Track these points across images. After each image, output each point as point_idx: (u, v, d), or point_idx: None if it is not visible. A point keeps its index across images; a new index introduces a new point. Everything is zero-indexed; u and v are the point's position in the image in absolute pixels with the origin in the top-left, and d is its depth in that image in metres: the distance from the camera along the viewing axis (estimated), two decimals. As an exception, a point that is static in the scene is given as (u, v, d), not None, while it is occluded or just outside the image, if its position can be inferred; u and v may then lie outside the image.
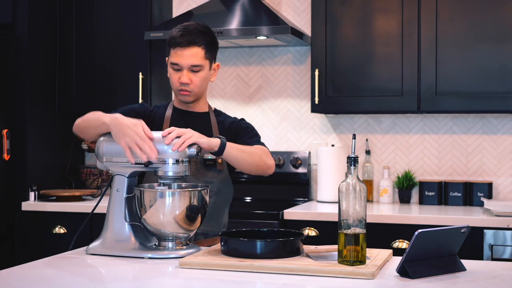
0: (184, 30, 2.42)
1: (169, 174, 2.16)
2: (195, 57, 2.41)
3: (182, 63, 2.41)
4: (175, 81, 2.45)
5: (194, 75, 2.43)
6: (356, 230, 1.93)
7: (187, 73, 2.42)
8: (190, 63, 2.41)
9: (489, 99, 3.55)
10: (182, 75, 2.42)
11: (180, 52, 2.41)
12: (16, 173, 3.93)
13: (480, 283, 1.82)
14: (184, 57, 2.40)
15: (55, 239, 3.85)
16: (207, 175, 2.45)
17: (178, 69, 2.43)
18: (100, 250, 2.19)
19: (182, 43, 2.40)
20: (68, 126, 4.32)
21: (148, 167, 2.15)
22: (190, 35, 2.40)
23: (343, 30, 3.76)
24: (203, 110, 2.56)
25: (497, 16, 3.55)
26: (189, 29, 2.42)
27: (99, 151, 2.24)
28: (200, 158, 2.44)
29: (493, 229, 3.25)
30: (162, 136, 2.15)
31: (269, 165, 2.41)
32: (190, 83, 2.43)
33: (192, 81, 2.43)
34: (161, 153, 2.14)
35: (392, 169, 4.01)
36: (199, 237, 2.44)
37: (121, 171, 2.21)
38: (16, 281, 1.86)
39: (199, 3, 4.23)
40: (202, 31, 2.44)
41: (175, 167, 2.17)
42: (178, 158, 2.16)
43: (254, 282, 1.85)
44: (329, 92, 3.77)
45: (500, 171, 3.85)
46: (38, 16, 4.04)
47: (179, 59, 2.41)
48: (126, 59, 4.08)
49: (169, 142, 2.14)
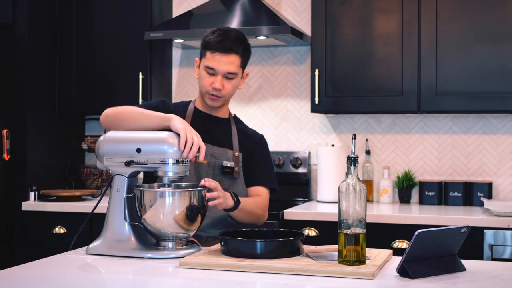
0: (224, 35, 2.41)
1: (169, 174, 2.17)
2: (232, 64, 2.41)
3: (219, 69, 2.40)
4: (206, 85, 2.43)
5: (227, 82, 2.43)
6: (356, 230, 1.93)
7: (221, 79, 2.41)
8: (226, 70, 2.40)
9: (489, 99, 3.55)
10: (215, 80, 2.41)
11: (218, 57, 2.39)
12: (16, 173, 3.93)
13: (480, 283, 1.82)
14: (222, 63, 2.39)
15: (55, 239, 3.85)
16: (224, 182, 2.46)
17: (212, 73, 2.42)
18: (100, 250, 2.19)
19: (222, 48, 2.39)
20: (68, 126, 4.35)
21: (130, 166, 2.16)
22: (230, 42, 2.40)
23: (343, 30, 3.76)
24: (225, 116, 2.57)
25: (497, 16, 3.55)
26: (229, 35, 2.41)
27: (99, 151, 2.24)
28: (218, 165, 2.46)
29: (493, 229, 3.25)
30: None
31: (261, 221, 2.52)
32: (222, 89, 2.42)
33: (225, 88, 2.43)
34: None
35: (392, 169, 4.01)
36: (209, 239, 2.44)
37: (121, 171, 2.21)
38: (16, 281, 1.86)
39: (199, 3, 4.23)
40: (241, 39, 2.44)
41: (175, 167, 2.17)
42: (178, 158, 2.16)
43: (254, 282, 1.85)
44: (329, 92, 3.77)
45: (500, 171, 3.85)
46: (38, 16, 4.04)
47: (216, 64, 2.40)
48: (126, 59, 4.08)
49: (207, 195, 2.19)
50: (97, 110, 4.15)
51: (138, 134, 2.22)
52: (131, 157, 2.18)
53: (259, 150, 2.57)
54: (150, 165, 2.17)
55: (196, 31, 3.81)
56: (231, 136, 2.52)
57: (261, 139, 2.61)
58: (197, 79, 2.50)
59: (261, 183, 2.54)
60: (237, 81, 2.46)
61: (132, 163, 2.17)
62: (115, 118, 2.36)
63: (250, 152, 2.54)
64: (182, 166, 2.18)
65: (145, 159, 2.17)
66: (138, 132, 2.24)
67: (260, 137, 2.62)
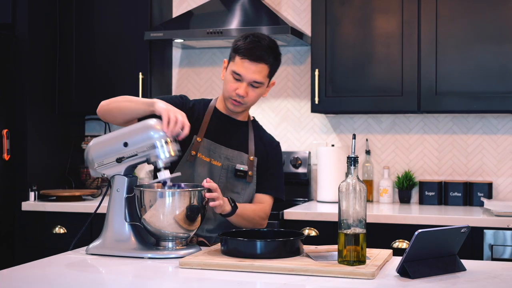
0: (256, 43, 2.36)
1: (160, 156, 2.16)
2: (260, 74, 2.36)
3: (246, 76, 2.36)
4: (230, 89, 2.39)
5: (252, 90, 2.39)
6: (356, 230, 1.93)
7: (246, 86, 2.37)
8: (253, 79, 2.36)
9: (489, 99, 3.55)
10: (240, 86, 2.37)
11: (247, 64, 2.35)
12: (16, 173, 3.93)
13: (480, 283, 1.82)
14: (250, 70, 2.35)
15: (55, 239, 3.85)
16: (237, 186, 2.45)
17: (239, 79, 2.37)
18: (100, 250, 2.19)
19: (252, 56, 2.34)
20: (68, 126, 4.35)
21: (121, 162, 2.18)
22: (262, 50, 2.35)
23: (343, 30, 3.76)
24: (244, 119, 2.54)
25: (497, 16, 3.55)
26: (261, 43, 2.36)
27: (88, 158, 2.25)
28: (232, 168, 2.44)
29: (493, 229, 3.25)
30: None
31: (259, 227, 2.48)
32: (246, 97, 2.39)
33: (249, 95, 2.39)
34: None
35: (392, 169, 4.01)
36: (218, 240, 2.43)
37: (115, 171, 2.21)
38: (16, 281, 1.86)
39: (199, 3, 4.23)
40: (273, 48, 2.39)
41: (165, 149, 2.16)
42: (165, 139, 2.16)
43: (254, 282, 1.85)
44: (329, 92, 3.77)
45: (500, 171, 3.85)
46: (38, 16, 4.04)
47: (244, 71, 2.35)
48: (126, 59, 4.08)
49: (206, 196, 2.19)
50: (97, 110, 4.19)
51: (121, 130, 2.24)
52: (120, 153, 2.19)
53: (273, 157, 2.54)
54: (140, 155, 2.18)
55: (196, 31, 3.81)
56: (247, 140, 2.50)
57: (276, 146, 2.57)
58: (222, 80, 2.46)
59: (266, 191, 2.51)
60: (262, 90, 2.41)
61: (123, 158, 2.18)
62: (108, 108, 2.37)
63: (264, 158, 2.51)
64: (171, 146, 2.18)
65: (134, 151, 2.18)
66: (121, 129, 2.24)
67: (276, 144, 2.58)
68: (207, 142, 2.44)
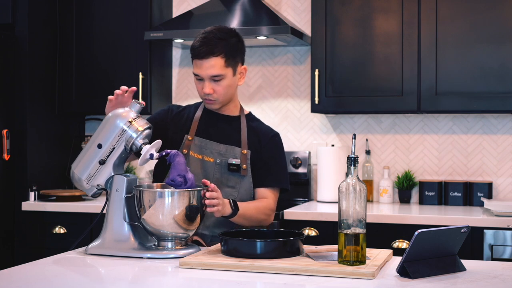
0: (203, 39, 2.39)
1: (134, 136, 2.19)
2: (214, 67, 2.38)
3: (202, 74, 2.40)
4: (199, 91, 2.45)
5: (216, 84, 2.41)
6: (356, 230, 1.93)
7: (208, 83, 2.41)
8: (209, 74, 2.39)
9: (489, 99, 3.55)
10: (204, 85, 2.42)
11: (199, 63, 2.39)
12: (16, 173, 3.93)
13: (480, 283, 1.82)
14: (203, 68, 2.39)
15: (55, 239, 3.85)
16: (231, 180, 2.46)
17: (200, 79, 2.42)
18: (100, 250, 2.19)
19: (200, 54, 2.38)
20: (68, 126, 4.35)
21: (105, 163, 2.20)
22: (208, 45, 2.37)
23: (343, 30, 3.76)
24: (234, 113, 2.55)
25: (497, 16, 3.55)
26: (208, 38, 2.39)
27: (75, 178, 2.27)
28: (225, 162, 2.45)
29: (493, 229, 3.25)
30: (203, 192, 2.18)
31: (265, 225, 2.50)
32: (212, 93, 2.41)
33: (215, 91, 2.42)
34: None
35: (392, 169, 4.01)
36: (214, 239, 2.43)
37: (105, 175, 2.23)
38: (16, 281, 1.86)
39: (199, 3, 4.23)
40: (222, 38, 2.40)
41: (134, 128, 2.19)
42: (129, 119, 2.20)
43: (254, 282, 1.85)
44: (329, 92, 3.77)
45: (500, 171, 3.85)
46: (38, 16, 4.04)
47: (199, 70, 2.40)
48: (126, 59, 4.08)
49: (206, 203, 2.20)
50: (97, 110, 4.18)
51: (90, 140, 2.25)
52: (99, 156, 2.21)
53: (269, 149, 2.53)
54: (118, 146, 2.20)
55: (196, 31, 3.79)
56: (240, 133, 2.51)
57: (272, 137, 2.55)
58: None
59: (268, 184, 2.51)
60: (227, 81, 2.42)
61: (104, 158, 2.20)
62: None
63: (259, 151, 2.51)
64: (137, 122, 2.20)
65: (110, 146, 2.20)
66: (91, 138, 2.27)
67: (272, 135, 2.56)
68: (198, 140, 2.48)
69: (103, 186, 2.23)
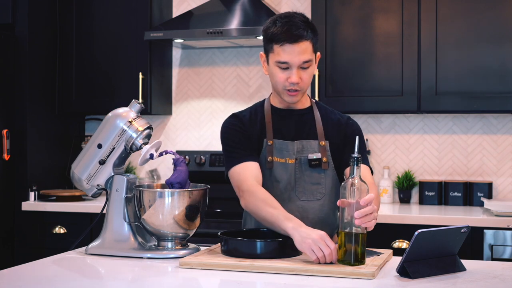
0: (289, 23, 2.19)
1: (134, 136, 2.19)
2: (306, 52, 2.19)
3: (293, 61, 2.19)
4: (281, 81, 2.23)
5: (304, 72, 2.22)
6: (356, 230, 1.93)
7: (296, 71, 2.21)
8: (301, 60, 2.19)
9: (489, 99, 3.55)
10: (291, 74, 2.21)
11: (289, 48, 2.18)
12: (16, 173, 3.93)
13: (480, 283, 1.82)
14: (295, 54, 2.18)
15: (55, 239, 3.85)
16: (315, 177, 2.30)
17: (286, 67, 2.21)
18: (100, 250, 2.19)
19: (292, 37, 2.17)
20: (68, 126, 4.35)
21: (105, 163, 2.21)
22: (298, 29, 2.18)
23: (343, 30, 3.76)
24: (306, 105, 2.37)
25: (497, 16, 3.55)
26: (293, 21, 2.20)
27: (75, 178, 2.27)
28: (305, 159, 2.29)
29: (493, 229, 3.25)
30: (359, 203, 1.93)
31: None
32: (300, 82, 2.23)
33: (302, 79, 2.23)
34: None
35: (392, 169, 4.01)
36: None
37: (105, 174, 2.23)
38: (16, 281, 1.86)
39: (199, 3, 4.23)
40: (307, 22, 2.23)
41: (134, 128, 2.20)
42: (130, 119, 2.20)
43: (254, 282, 1.85)
44: (329, 92, 3.77)
45: (500, 171, 3.85)
46: (38, 16, 4.04)
47: (289, 57, 2.19)
48: (126, 59, 4.08)
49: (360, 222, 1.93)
50: (97, 110, 4.20)
51: (91, 139, 2.26)
52: (99, 156, 2.22)
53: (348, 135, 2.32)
54: (118, 146, 2.20)
55: (196, 31, 3.81)
56: (315, 125, 2.33)
57: (347, 121, 2.37)
58: (266, 75, 2.27)
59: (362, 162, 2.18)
60: (313, 68, 2.25)
61: (104, 158, 2.20)
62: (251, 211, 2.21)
63: (337, 139, 2.33)
64: (137, 122, 2.20)
65: (110, 146, 2.21)
66: (90, 138, 2.27)
67: (345, 119, 2.37)
68: (278, 143, 2.30)
69: (103, 186, 2.24)
